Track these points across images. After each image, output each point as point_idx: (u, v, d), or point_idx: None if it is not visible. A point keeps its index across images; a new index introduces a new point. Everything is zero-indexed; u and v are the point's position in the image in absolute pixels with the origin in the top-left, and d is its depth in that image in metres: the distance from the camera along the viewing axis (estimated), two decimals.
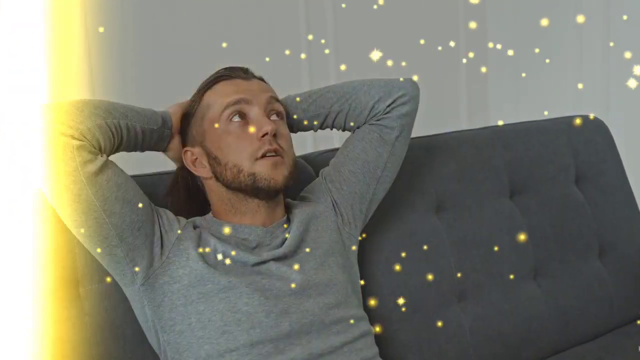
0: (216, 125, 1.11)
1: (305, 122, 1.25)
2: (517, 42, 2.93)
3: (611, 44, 2.58)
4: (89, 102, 1.02)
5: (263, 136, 1.08)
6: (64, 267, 1.11)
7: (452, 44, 2.93)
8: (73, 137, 0.96)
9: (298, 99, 1.24)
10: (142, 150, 1.14)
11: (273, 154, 1.09)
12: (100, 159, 1.00)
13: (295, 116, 1.24)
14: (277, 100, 1.17)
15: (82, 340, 1.09)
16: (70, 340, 1.08)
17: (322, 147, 1.51)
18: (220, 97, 1.12)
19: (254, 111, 1.11)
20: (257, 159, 1.08)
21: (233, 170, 1.09)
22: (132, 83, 2.16)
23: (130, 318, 1.11)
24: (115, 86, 2.14)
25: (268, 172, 1.08)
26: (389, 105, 1.20)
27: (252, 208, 1.12)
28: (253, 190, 1.09)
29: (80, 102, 1.01)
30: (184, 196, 1.20)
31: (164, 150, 1.19)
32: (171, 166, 1.24)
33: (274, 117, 1.14)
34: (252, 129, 1.09)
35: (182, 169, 1.20)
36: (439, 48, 2.82)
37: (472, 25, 2.99)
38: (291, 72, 2.53)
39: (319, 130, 1.29)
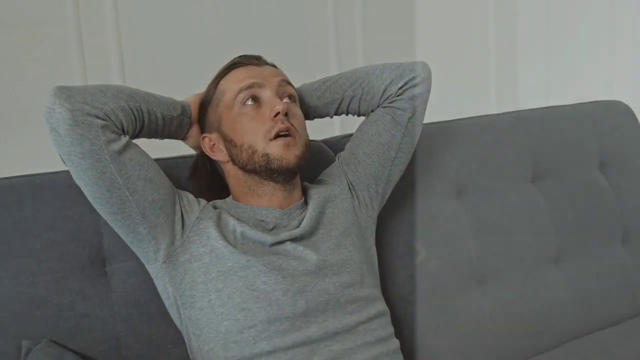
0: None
1: (321, 108, 1.28)
2: (547, 26, 2.91)
3: None
4: (111, 86, 1.07)
5: (275, 116, 1.12)
6: (92, 247, 1.15)
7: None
8: (97, 117, 1.00)
9: (312, 86, 1.27)
10: (162, 137, 1.18)
11: (286, 132, 1.12)
12: (124, 139, 1.04)
13: (310, 103, 1.26)
14: (289, 83, 1.20)
15: (109, 315, 1.14)
16: (98, 316, 1.13)
17: (349, 131, 1.54)
18: (234, 82, 1.16)
19: (267, 93, 1.15)
20: (270, 140, 1.11)
21: (248, 151, 1.13)
22: (162, 71, 2.21)
23: (154, 295, 1.15)
24: (146, 74, 2.20)
25: (280, 152, 1.11)
26: (400, 88, 1.22)
27: (269, 191, 1.15)
28: (267, 171, 1.12)
29: (104, 86, 1.05)
30: (205, 181, 1.24)
31: (183, 139, 1.23)
32: (192, 150, 1.28)
33: (286, 100, 1.17)
34: (264, 109, 1.13)
35: (202, 155, 1.24)
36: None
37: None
38: (318, 57, 2.55)
39: (338, 116, 1.33)
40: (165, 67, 2.22)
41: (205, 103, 1.20)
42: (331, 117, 1.30)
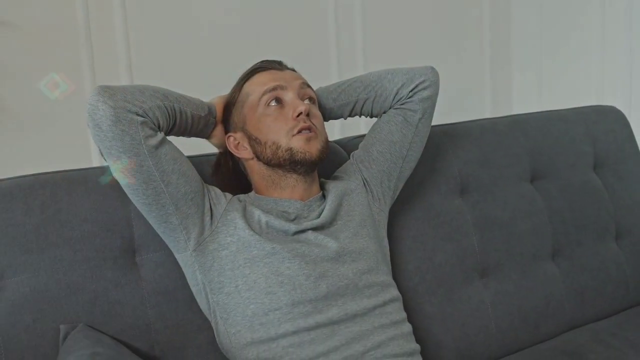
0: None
1: (336, 110, 1.36)
2: (541, 34, 3.00)
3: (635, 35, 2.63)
4: (148, 86, 1.15)
5: (298, 116, 1.20)
6: (123, 238, 1.23)
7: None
8: (137, 114, 1.09)
9: (328, 89, 1.36)
10: (190, 135, 1.26)
11: (307, 130, 1.20)
12: (160, 135, 1.13)
13: (326, 105, 1.35)
14: (309, 86, 1.29)
15: (139, 302, 1.21)
16: (129, 303, 1.21)
17: (348, 134, 1.62)
18: (258, 85, 1.25)
19: (289, 95, 1.23)
20: (293, 136, 1.20)
21: (272, 147, 1.21)
22: (170, 75, 2.29)
23: (181, 284, 1.23)
24: (154, 78, 2.27)
25: (303, 146, 1.20)
26: (411, 90, 1.31)
27: (291, 183, 1.24)
28: (291, 164, 1.21)
29: (141, 86, 1.14)
30: (227, 177, 1.32)
31: (208, 137, 1.31)
32: (214, 149, 1.36)
33: (306, 101, 1.26)
34: (287, 110, 1.21)
35: (224, 154, 1.32)
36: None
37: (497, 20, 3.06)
38: (320, 63, 2.63)
39: (347, 119, 1.41)
40: (173, 70, 2.30)
41: (230, 104, 1.28)
42: (345, 119, 1.39)
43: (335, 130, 2.57)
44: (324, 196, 1.29)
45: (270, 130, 1.21)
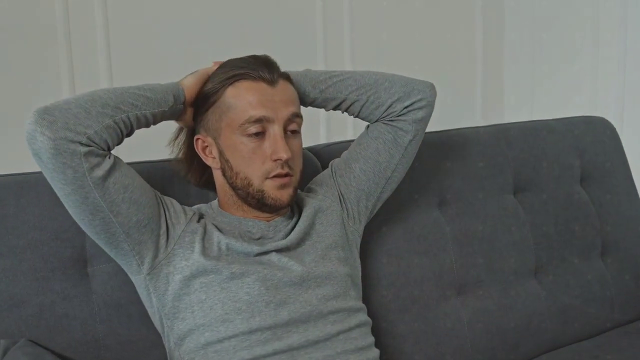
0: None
1: (320, 102, 1.25)
2: (533, 43, 2.95)
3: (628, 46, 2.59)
4: (97, 99, 1.03)
5: (276, 160, 1.12)
6: (74, 247, 1.16)
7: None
8: (80, 144, 0.98)
9: (318, 77, 1.24)
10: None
11: (283, 176, 1.13)
12: (108, 162, 1.02)
13: (310, 94, 1.23)
14: (298, 115, 1.17)
15: (89, 316, 1.15)
16: (78, 317, 1.14)
17: (334, 139, 1.55)
18: (243, 102, 1.12)
19: (274, 129, 1.12)
20: (267, 178, 1.13)
21: (244, 181, 1.14)
22: (150, 70, 2.22)
23: (134, 298, 1.16)
24: (134, 73, 2.20)
25: (275, 193, 1.13)
26: (406, 107, 1.23)
27: (255, 212, 1.18)
28: (258, 205, 1.15)
29: (89, 100, 1.02)
30: (188, 160, 1.23)
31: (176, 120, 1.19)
32: None
33: (292, 128, 1.15)
34: (267, 146, 1.13)
35: (187, 133, 1.22)
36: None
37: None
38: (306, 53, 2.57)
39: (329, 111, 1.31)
40: (154, 70, 2.23)
41: (207, 99, 1.15)
42: (326, 111, 1.29)
43: (322, 133, 2.51)
44: (293, 212, 1.22)
45: (244, 163, 1.13)
